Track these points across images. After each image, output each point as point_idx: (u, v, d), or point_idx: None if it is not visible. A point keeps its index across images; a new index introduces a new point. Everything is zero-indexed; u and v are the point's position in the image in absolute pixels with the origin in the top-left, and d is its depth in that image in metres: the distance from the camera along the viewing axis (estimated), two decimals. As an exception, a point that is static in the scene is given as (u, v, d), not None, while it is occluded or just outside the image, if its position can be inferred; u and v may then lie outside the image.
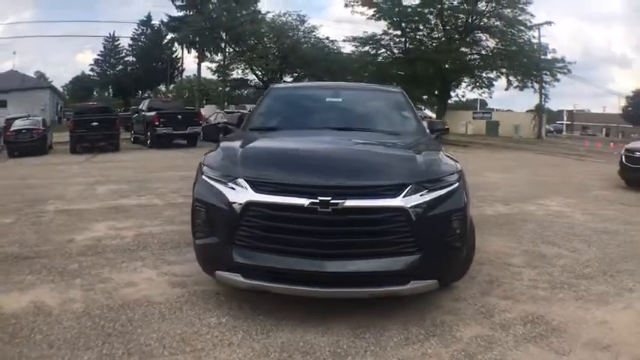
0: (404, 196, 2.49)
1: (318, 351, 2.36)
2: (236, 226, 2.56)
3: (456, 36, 22.65)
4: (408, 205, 2.48)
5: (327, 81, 27.57)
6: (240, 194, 2.55)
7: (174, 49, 38.79)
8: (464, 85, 25.45)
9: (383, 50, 25.24)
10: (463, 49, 22.37)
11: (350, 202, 2.42)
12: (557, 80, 22.48)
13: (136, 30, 43.46)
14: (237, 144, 3.08)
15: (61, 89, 48.09)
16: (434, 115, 24.83)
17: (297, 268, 2.49)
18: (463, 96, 26.14)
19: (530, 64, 21.32)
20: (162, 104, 18.26)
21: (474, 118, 35.20)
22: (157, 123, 15.38)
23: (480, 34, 22.94)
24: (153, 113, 16.03)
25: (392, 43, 24.78)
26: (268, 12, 28.90)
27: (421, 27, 23.54)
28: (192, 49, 31.51)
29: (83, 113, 16.06)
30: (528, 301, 3.04)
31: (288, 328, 2.58)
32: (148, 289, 3.14)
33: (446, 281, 2.78)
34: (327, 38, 28.21)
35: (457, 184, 2.76)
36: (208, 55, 30.67)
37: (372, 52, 25.48)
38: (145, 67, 42.13)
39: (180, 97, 32.78)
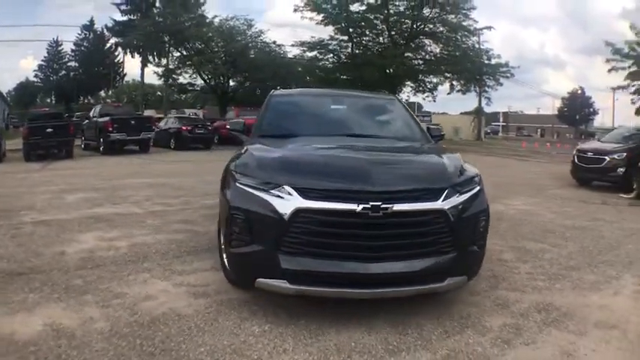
0: (443, 199, 2.70)
1: (372, 349, 2.48)
2: (283, 232, 2.62)
3: (402, 41, 23.49)
4: (447, 207, 2.69)
5: (274, 85, 28.32)
6: (288, 201, 2.62)
7: (116, 53, 38.71)
8: (408, 89, 26.50)
9: (330, 55, 25.72)
10: (408, 54, 23.22)
11: (398, 206, 2.58)
12: (501, 84, 23.95)
13: (79, 35, 44.01)
14: (270, 151, 3.13)
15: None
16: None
17: (344, 270, 2.61)
18: (407, 100, 27.24)
19: (474, 69, 22.30)
20: (115, 110, 17.89)
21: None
22: (110, 129, 15.12)
23: (425, 40, 23.91)
24: (106, 119, 15.64)
25: (339, 48, 25.32)
26: (216, 16, 28.75)
27: (367, 32, 24.25)
28: (137, 54, 31.44)
29: (37, 120, 15.29)
30: (533, 291, 3.39)
31: (333, 330, 2.68)
32: (170, 301, 3.07)
33: (472, 276, 3.03)
34: (274, 42, 28.34)
35: (479, 186, 3.03)
36: (152, 59, 30.49)
37: (319, 57, 25.92)
38: (88, 73, 43.04)
39: (120, 102, 31.61)
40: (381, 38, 24.64)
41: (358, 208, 2.55)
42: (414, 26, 23.05)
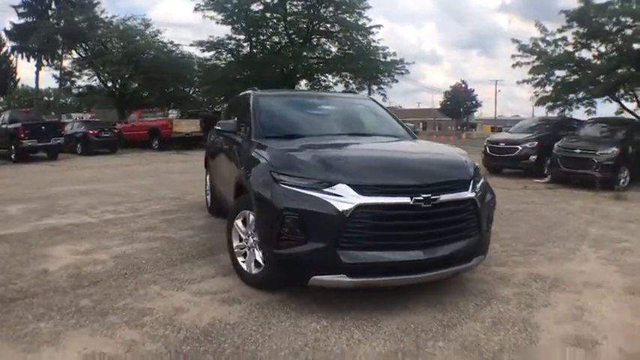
0: (471, 189, 3.09)
1: (431, 327, 2.78)
2: (343, 229, 2.76)
3: (299, 40, 24.04)
4: (474, 196, 3.10)
5: (175, 86, 27.07)
6: (347, 199, 2.77)
7: (11, 58, 35.74)
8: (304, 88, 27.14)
9: (229, 55, 25.64)
10: (306, 53, 23.72)
11: (443, 197, 2.90)
12: (396, 81, 25.56)
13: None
14: (307, 151, 3.23)
15: None
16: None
17: (400, 259, 2.87)
18: None
19: (370, 67, 23.15)
20: (25, 115, 17.23)
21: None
22: (22, 135, 14.86)
23: (322, 39, 24.53)
24: (17, 125, 15.23)
25: (238, 47, 25.32)
26: (114, 16, 27.42)
27: (265, 31, 24.58)
28: (32, 58, 30.54)
29: None
30: (518, 265, 4.02)
31: (386, 316, 2.91)
32: (206, 311, 2.99)
33: (486, 255, 3.48)
34: (172, 42, 27.60)
35: (484, 176, 3.50)
36: (48, 62, 29.34)
37: (219, 57, 25.75)
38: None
39: (11, 107, 28.47)
40: (278, 37, 25.05)
41: (411, 200, 2.81)
42: (311, 25, 23.71)
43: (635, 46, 11.20)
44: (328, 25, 23.96)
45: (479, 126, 67.37)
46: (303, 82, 26.11)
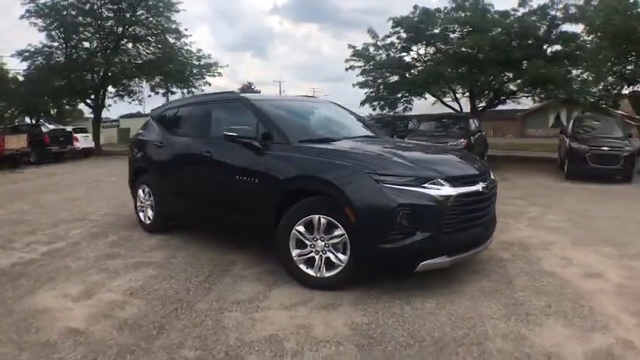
0: (492, 175, 3.97)
1: (480, 296, 3.41)
2: (444, 217, 3.25)
3: (111, 45, 23.11)
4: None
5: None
6: (446, 191, 3.27)
7: None
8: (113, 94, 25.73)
9: (44, 62, 22.83)
10: (118, 58, 23.00)
11: (491, 184, 3.67)
12: (209, 84, 25.69)
13: None
14: (391, 153, 3.61)
15: None
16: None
17: (476, 235, 3.53)
18: (110, 105, 25.82)
19: (183, 70, 23.43)
20: None
21: (103, 127, 35.49)
22: None
23: (134, 43, 24.01)
24: None
25: (51, 54, 22.96)
26: None
27: (78, 37, 22.80)
28: None
29: None
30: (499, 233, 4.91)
31: (446, 293, 3.45)
32: (325, 328, 2.99)
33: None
34: None
35: None
36: None
37: (33, 65, 22.80)
38: None
39: None
40: (89, 43, 23.44)
41: (481, 188, 3.51)
42: (122, 29, 23.09)
43: (462, 49, 14.23)
44: (139, 29, 23.48)
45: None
46: (111, 89, 24.82)
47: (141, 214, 5.64)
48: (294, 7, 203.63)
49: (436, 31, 15.02)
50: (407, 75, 16.45)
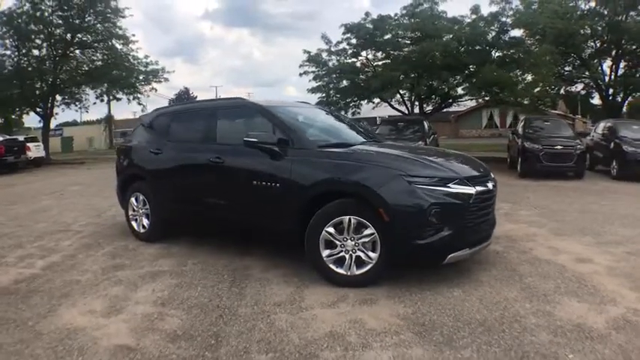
0: None
1: (499, 283, 3.93)
2: (467, 213, 3.62)
3: (58, 52, 22.50)
4: None
5: None
6: (468, 189, 3.65)
7: None
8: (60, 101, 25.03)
9: None
10: (66, 65, 22.63)
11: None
12: (155, 90, 25.59)
13: None
14: (416, 157, 3.90)
15: None
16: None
17: (487, 230, 3.94)
18: (57, 113, 25.95)
19: (130, 76, 23.31)
20: None
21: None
22: None
23: (81, 51, 23.64)
24: None
25: (6, 62, 22.17)
26: None
27: (29, 44, 22.12)
28: None
29: None
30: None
31: (468, 283, 3.87)
32: (376, 321, 3.22)
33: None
34: None
35: None
36: None
37: None
38: None
39: None
40: (37, 51, 22.70)
41: (491, 186, 3.93)
42: (69, 36, 22.61)
43: (412, 57, 15.05)
44: (89, 37, 23.23)
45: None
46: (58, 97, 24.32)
47: (134, 223, 5.51)
48: (225, 12, 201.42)
49: (388, 36, 15.83)
50: (357, 80, 17.14)
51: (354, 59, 17.61)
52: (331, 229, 3.72)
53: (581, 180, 10.82)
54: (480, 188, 3.77)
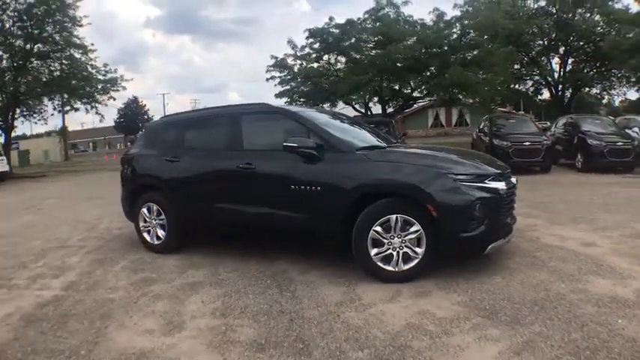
0: None
1: (530, 269, 4.40)
2: (502, 206, 4.05)
3: (18, 63, 21.92)
4: None
5: None
6: (501, 185, 4.09)
7: None
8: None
9: None
10: (24, 77, 22.05)
11: (514, 180, 4.66)
12: (114, 99, 25.24)
13: None
14: (451, 157, 4.27)
15: None
16: None
17: (512, 221, 4.42)
18: (16, 126, 25.00)
19: (89, 85, 23.14)
20: None
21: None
22: None
23: (41, 61, 23.13)
24: None
25: None
26: None
27: None
28: None
29: None
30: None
31: (495, 275, 4.33)
32: (444, 310, 3.54)
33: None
34: None
35: None
36: None
37: None
38: None
39: None
40: None
41: (515, 181, 4.42)
42: (29, 47, 22.04)
43: (376, 61, 15.61)
44: (49, 47, 22.86)
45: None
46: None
47: (146, 235, 5.46)
48: (166, 19, 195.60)
49: (352, 40, 16.38)
50: (322, 84, 17.54)
51: (317, 63, 18.01)
52: (378, 228, 3.99)
53: (549, 174, 11.75)
54: (507, 183, 4.22)
